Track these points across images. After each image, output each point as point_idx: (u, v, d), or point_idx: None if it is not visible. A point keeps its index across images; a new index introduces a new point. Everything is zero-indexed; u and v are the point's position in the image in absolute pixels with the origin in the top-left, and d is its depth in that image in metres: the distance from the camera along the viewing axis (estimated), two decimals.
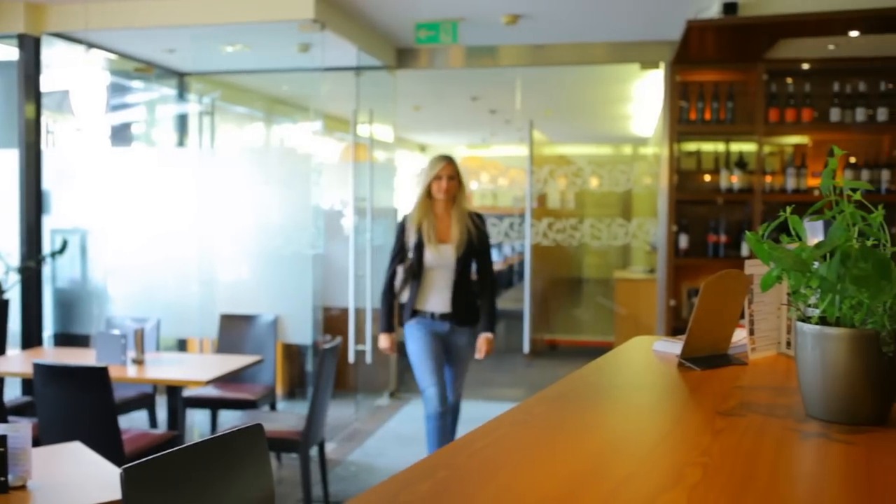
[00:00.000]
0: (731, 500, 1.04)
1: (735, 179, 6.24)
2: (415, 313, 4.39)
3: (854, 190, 1.39)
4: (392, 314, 4.51)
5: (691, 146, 6.49)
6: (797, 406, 1.47)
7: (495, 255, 8.13)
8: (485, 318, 4.46)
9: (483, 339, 4.43)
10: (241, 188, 5.84)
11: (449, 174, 4.34)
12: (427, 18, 5.81)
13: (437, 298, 4.38)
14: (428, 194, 4.39)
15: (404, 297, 4.46)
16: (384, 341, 4.50)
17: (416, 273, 4.38)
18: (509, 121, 8.92)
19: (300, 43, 5.83)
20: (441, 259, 4.35)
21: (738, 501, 1.04)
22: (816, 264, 1.39)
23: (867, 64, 6.01)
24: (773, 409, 1.49)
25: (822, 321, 1.40)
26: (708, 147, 6.49)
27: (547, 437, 1.33)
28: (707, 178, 6.42)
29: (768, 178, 6.21)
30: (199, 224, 5.82)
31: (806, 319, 1.42)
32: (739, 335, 2.03)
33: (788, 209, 1.49)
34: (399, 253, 4.46)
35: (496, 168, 9.04)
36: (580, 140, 10.61)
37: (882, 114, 5.98)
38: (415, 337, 4.39)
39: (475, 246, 4.40)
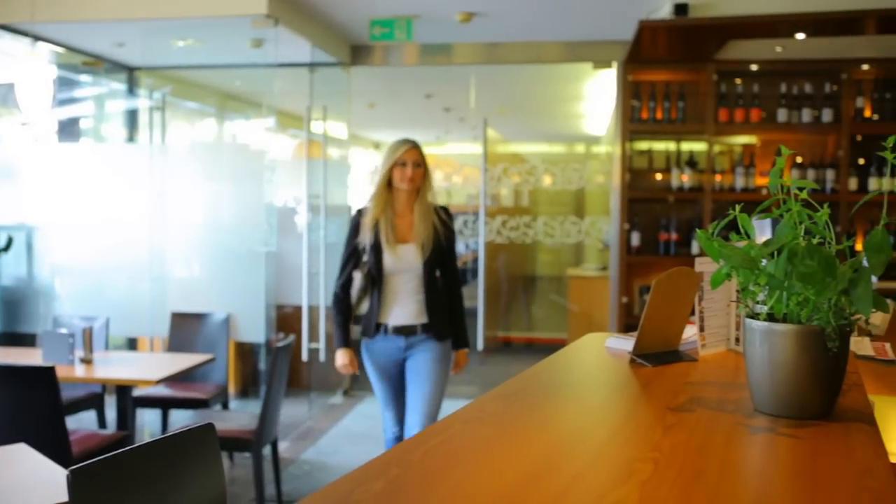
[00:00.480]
0: (682, 495, 1.05)
1: (686, 178, 6.33)
2: (377, 327, 3.71)
3: (801, 189, 1.42)
4: (347, 327, 3.79)
5: (643, 145, 6.57)
6: (746, 401, 1.50)
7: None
8: (459, 330, 3.85)
9: (462, 354, 3.88)
10: (193, 185, 5.76)
11: (414, 160, 3.63)
12: (382, 15, 5.79)
13: (401, 310, 3.70)
14: (388, 184, 3.68)
15: (363, 307, 3.79)
16: (341, 358, 3.78)
17: (375, 280, 3.70)
18: (464, 119, 8.93)
19: (253, 38, 5.77)
20: (402, 262, 3.67)
21: (688, 496, 1.05)
22: (765, 262, 1.42)
23: (813, 66, 6.14)
24: (723, 404, 1.52)
25: (770, 318, 1.43)
26: (660, 146, 6.58)
27: (500, 435, 1.34)
28: (659, 176, 6.50)
29: (718, 177, 6.32)
30: (150, 221, 5.73)
31: (754, 316, 1.45)
32: (690, 332, 2.06)
33: (737, 207, 1.52)
34: (352, 256, 3.75)
35: (450, 166, 9.05)
36: (534, 138, 10.66)
37: (827, 115, 6.11)
38: (369, 361, 3.78)
39: (443, 246, 3.73)
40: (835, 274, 1.35)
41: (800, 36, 5.32)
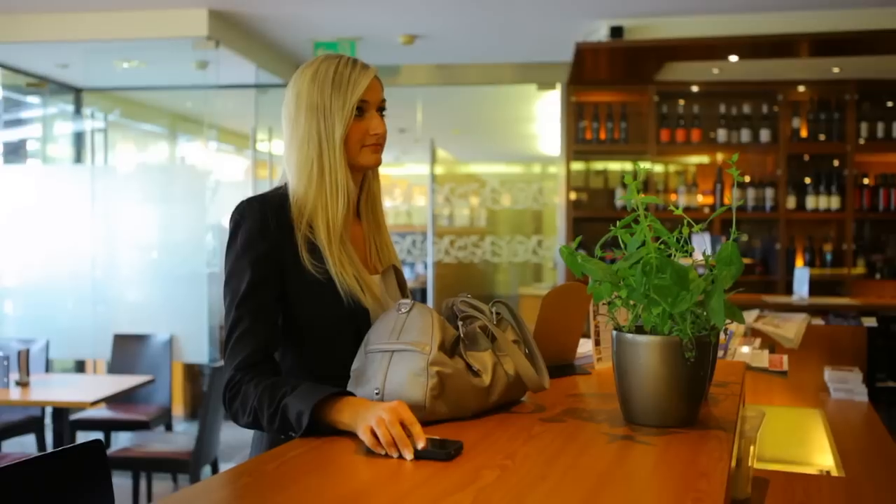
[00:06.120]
0: (515, 498, 1.09)
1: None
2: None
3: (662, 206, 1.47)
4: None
5: (599, 165, 6.68)
6: (618, 412, 1.54)
7: (407, 273, 8.09)
8: None
9: None
10: (137, 206, 5.76)
11: (383, 98, 1.76)
12: (325, 37, 5.85)
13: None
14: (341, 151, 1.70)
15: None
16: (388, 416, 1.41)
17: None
18: (419, 140, 8.99)
19: (198, 60, 5.80)
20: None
21: (520, 499, 1.09)
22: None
23: (750, 87, 6.27)
24: (595, 414, 1.56)
25: (639, 330, 1.48)
26: (615, 166, 6.68)
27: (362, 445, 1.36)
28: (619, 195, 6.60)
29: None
30: (94, 243, 5.72)
31: (620, 328, 1.49)
32: (588, 346, 2.11)
33: (619, 224, 1.56)
34: (262, 296, 1.62)
35: (405, 186, 9.09)
36: (491, 159, 10.74)
37: (765, 135, 6.24)
38: None
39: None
40: (688, 286, 1.40)
41: (733, 58, 5.45)
